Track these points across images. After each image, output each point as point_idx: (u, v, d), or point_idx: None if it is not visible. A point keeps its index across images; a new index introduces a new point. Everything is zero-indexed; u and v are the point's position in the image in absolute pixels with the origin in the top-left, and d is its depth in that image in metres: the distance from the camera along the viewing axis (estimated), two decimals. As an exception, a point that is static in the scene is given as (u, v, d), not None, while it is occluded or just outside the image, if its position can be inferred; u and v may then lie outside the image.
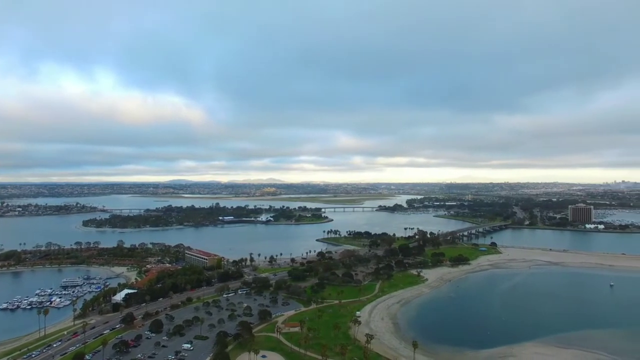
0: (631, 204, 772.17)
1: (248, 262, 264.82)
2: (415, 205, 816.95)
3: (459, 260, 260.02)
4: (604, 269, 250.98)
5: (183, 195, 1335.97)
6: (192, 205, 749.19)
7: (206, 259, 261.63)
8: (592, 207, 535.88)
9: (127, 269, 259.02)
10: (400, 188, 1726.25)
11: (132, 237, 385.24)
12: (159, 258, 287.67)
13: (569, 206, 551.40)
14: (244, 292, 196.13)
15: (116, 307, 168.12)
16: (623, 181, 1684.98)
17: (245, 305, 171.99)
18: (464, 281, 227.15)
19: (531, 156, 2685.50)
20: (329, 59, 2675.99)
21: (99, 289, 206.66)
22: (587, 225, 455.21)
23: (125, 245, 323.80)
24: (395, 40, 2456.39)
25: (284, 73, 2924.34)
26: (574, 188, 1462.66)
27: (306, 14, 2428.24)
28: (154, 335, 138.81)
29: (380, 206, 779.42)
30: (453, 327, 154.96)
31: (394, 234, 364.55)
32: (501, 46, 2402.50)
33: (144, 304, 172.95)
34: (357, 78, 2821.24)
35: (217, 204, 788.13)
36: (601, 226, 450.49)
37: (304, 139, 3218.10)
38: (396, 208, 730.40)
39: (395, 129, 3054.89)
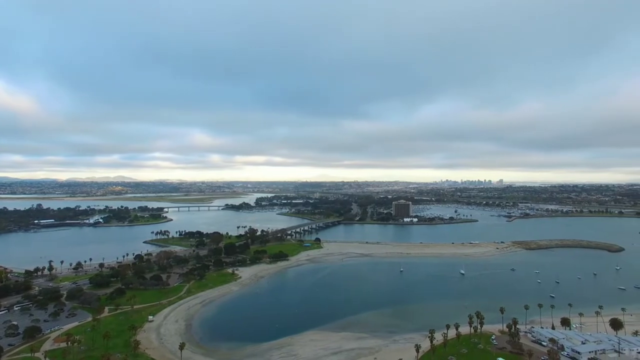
0: (445, 200, 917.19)
1: (46, 271, 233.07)
2: (263, 203, 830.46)
3: (279, 256, 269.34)
4: (402, 257, 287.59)
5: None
6: (5, 208, 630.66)
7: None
8: (410, 202, 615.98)
9: None
10: (257, 186, 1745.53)
11: None
12: None
13: (393, 202, 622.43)
14: (20, 307, 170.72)
15: None
16: (447, 180, 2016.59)
17: (12, 323, 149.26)
18: (278, 277, 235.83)
19: (376, 157, 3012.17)
20: (177, 56, 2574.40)
21: None
22: (405, 219, 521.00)
23: None
24: (243, 42, 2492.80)
25: (129, 66, 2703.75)
26: (411, 186, 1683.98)
27: (149, 7, 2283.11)
28: None
29: (227, 205, 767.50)
30: (245, 324, 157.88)
31: (227, 233, 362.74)
32: (340, 58, 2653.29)
33: None
34: (207, 77, 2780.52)
35: (40, 205, 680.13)
36: (415, 219, 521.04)
37: (156, 135, 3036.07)
38: (242, 207, 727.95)
39: (251, 128, 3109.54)
